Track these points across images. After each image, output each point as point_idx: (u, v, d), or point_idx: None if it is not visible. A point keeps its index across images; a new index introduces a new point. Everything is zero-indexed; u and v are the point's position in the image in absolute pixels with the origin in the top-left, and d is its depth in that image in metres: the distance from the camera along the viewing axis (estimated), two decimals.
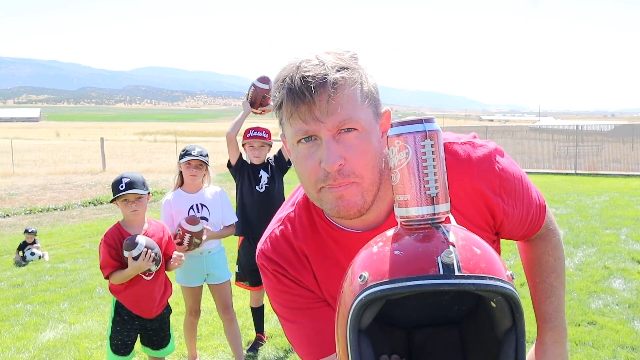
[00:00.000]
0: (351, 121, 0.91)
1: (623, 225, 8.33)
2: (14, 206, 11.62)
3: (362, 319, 0.72)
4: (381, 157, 0.96)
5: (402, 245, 0.73)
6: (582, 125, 23.50)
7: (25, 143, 38.81)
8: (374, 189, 0.95)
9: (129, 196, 2.83)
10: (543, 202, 1.17)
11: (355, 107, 0.91)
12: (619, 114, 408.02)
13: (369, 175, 0.94)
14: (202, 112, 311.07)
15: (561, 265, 1.20)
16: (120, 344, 2.94)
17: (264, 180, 3.85)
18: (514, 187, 1.07)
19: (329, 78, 0.89)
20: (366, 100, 0.94)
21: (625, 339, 3.94)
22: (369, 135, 0.93)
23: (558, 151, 23.45)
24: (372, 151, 0.94)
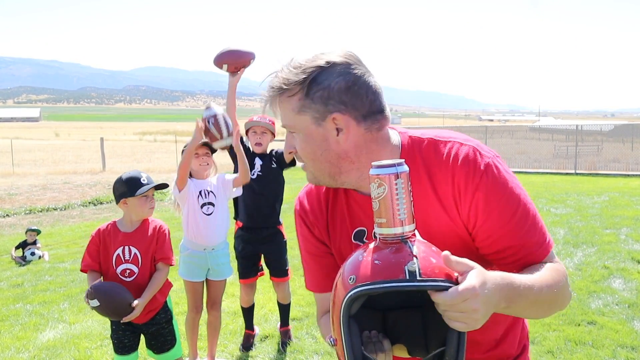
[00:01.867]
0: (291, 126, 1.20)
1: (623, 225, 8.33)
2: (14, 206, 11.62)
3: (352, 308, 1.02)
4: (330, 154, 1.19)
5: (380, 256, 1.00)
6: (582, 125, 23.49)
7: (25, 143, 38.80)
8: (324, 171, 1.22)
9: (149, 191, 2.79)
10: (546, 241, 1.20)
11: (292, 117, 1.18)
12: (618, 114, 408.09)
13: (311, 163, 1.22)
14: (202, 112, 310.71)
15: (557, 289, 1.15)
16: (117, 343, 2.91)
17: (257, 168, 3.79)
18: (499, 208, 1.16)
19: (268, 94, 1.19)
20: (303, 109, 1.16)
21: (625, 339, 3.94)
22: (306, 137, 1.19)
23: (558, 151, 23.45)
24: (311, 147, 1.19)
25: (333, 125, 1.16)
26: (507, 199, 1.16)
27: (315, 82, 1.13)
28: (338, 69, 1.14)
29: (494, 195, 1.16)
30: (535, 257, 1.18)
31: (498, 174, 1.17)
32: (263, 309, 4.78)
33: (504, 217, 1.16)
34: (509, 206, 1.16)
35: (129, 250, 2.78)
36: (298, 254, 1.49)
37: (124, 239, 2.80)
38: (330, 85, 1.13)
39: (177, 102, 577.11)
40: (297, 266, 4.53)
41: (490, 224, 1.16)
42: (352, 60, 1.16)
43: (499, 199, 1.16)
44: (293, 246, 3.56)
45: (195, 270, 3.49)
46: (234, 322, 4.47)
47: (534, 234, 1.18)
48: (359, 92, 1.14)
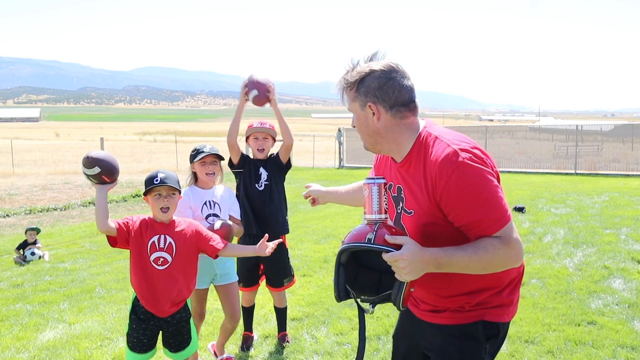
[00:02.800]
0: (350, 109, 1.85)
1: (623, 225, 8.33)
2: (14, 206, 11.62)
3: (342, 258, 1.75)
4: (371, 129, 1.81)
5: (358, 229, 1.72)
6: (582, 125, 23.49)
7: (25, 143, 38.80)
8: (367, 141, 1.87)
9: (161, 190, 2.78)
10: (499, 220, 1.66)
11: (351, 104, 1.84)
12: (618, 114, 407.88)
13: (360, 134, 1.86)
14: (202, 112, 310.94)
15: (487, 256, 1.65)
16: (136, 342, 2.88)
17: (263, 178, 3.79)
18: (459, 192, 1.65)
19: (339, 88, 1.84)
20: (355, 99, 1.81)
21: (625, 339, 3.94)
22: (358, 118, 1.84)
23: (558, 151, 23.44)
24: (360, 123, 1.84)
25: (370, 110, 1.78)
26: (471, 189, 1.64)
27: (362, 82, 1.77)
28: (376, 74, 1.75)
29: (459, 188, 1.64)
30: (490, 231, 1.66)
31: (468, 172, 1.64)
32: (263, 309, 4.78)
33: (467, 202, 1.65)
34: (472, 194, 1.64)
35: (164, 238, 2.82)
36: None
37: (160, 229, 2.84)
38: (369, 84, 1.76)
39: (177, 102, 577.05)
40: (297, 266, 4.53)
41: (455, 206, 1.67)
42: (388, 68, 1.75)
43: (464, 189, 1.64)
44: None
45: (201, 277, 3.36)
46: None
47: (491, 214, 1.66)
48: (387, 90, 1.75)
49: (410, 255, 1.58)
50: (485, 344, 1.84)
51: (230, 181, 3.98)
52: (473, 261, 1.64)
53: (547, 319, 4.36)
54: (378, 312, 4.57)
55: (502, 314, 1.85)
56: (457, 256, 1.64)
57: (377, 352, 3.85)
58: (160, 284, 2.81)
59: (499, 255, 1.65)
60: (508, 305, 1.86)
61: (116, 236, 2.78)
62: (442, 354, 1.89)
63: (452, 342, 1.85)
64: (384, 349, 3.87)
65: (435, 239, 1.73)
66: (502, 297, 1.84)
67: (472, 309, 1.83)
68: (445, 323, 1.87)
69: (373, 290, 1.78)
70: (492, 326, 1.84)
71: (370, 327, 4.28)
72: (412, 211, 1.80)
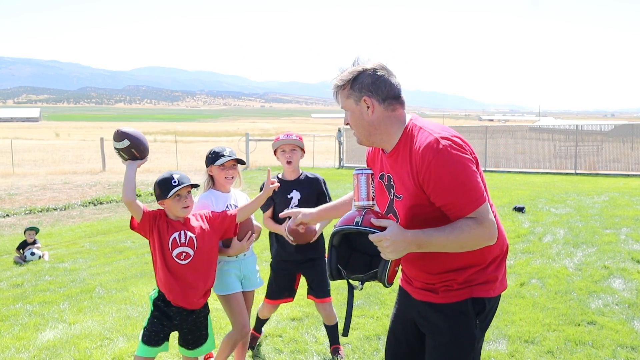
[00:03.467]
0: (344, 107, 2.01)
1: (623, 225, 8.33)
2: (14, 206, 11.62)
3: (334, 240, 1.95)
4: (366, 122, 1.98)
5: (349, 214, 1.93)
6: (582, 125, 23.50)
7: (25, 143, 38.80)
8: (362, 134, 2.02)
9: (181, 191, 2.85)
10: (474, 202, 1.83)
11: (344, 101, 2.00)
12: (619, 114, 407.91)
13: (356, 129, 2.02)
14: (202, 112, 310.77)
15: (462, 235, 1.81)
16: (153, 335, 2.90)
17: (294, 202, 3.58)
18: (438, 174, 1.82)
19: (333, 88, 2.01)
20: (349, 95, 1.98)
21: (625, 339, 3.94)
22: (352, 113, 1.99)
23: (558, 151, 23.44)
24: (355, 118, 1.99)
25: (365, 104, 1.96)
26: (448, 173, 1.81)
27: (355, 80, 1.95)
28: (369, 72, 1.94)
29: (438, 171, 1.81)
30: (465, 211, 1.83)
31: (447, 157, 1.81)
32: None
33: (444, 184, 1.82)
34: (449, 178, 1.81)
35: (184, 234, 2.89)
36: None
37: (178, 225, 2.91)
38: (362, 81, 1.94)
39: (177, 102, 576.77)
40: None
41: (435, 188, 1.84)
42: (379, 67, 1.95)
43: (442, 173, 1.81)
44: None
45: (233, 281, 3.28)
46: None
47: (466, 196, 1.82)
48: (379, 85, 1.94)
49: (393, 236, 1.77)
50: (475, 320, 1.98)
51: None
52: (450, 240, 1.82)
53: (547, 319, 4.36)
54: (378, 312, 4.57)
55: (488, 290, 2.00)
56: (436, 236, 1.82)
57: (377, 352, 3.85)
58: (187, 277, 2.88)
59: (473, 235, 1.82)
60: (494, 281, 2.02)
61: (139, 220, 2.86)
62: (434, 331, 2.04)
63: (444, 319, 2.00)
64: (384, 349, 3.86)
65: (422, 220, 1.91)
66: (487, 273, 2.00)
67: (460, 287, 1.98)
68: (438, 302, 2.02)
69: (364, 271, 1.96)
70: (480, 302, 1.98)
71: (370, 327, 4.28)
72: (401, 196, 1.97)
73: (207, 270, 2.97)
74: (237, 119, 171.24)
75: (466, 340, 1.99)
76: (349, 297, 2.04)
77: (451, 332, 1.99)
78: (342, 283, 2.09)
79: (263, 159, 21.94)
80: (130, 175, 2.85)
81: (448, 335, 1.99)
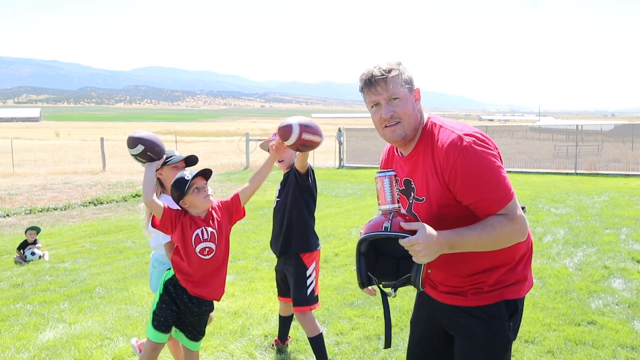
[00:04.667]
0: (395, 94, 1.87)
1: (623, 225, 8.33)
2: (14, 206, 11.61)
3: (361, 248, 1.86)
4: (415, 112, 1.91)
5: (374, 219, 1.83)
6: (582, 125, 23.47)
7: (25, 143, 38.80)
8: (411, 127, 1.91)
9: (196, 182, 2.89)
10: (503, 198, 1.79)
11: (398, 88, 1.87)
12: (619, 114, 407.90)
13: (407, 118, 1.89)
14: (202, 112, 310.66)
15: (495, 232, 1.77)
16: (162, 321, 2.93)
17: (276, 194, 3.64)
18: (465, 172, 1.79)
19: (382, 74, 1.86)
20: (403, 83, 1.89)
21: (625, 339, 3.94)
22: (406, 101, 1.89)
23: (558, 151, 23.43)
24: (408, 108, 1.89)
25: (415, 96, 1.93)
26: (475, 171, 1.78)
27: (404, 71, 1.90)
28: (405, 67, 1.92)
29: (465, 169, 1.78)
30: (495, 208, 1.79)
31: (472, 154, 1.78)
32: (263, 308, 4.79)
33: (472, 182, 1.79)
34: (476, 175, 1.78)
35: (206, 230, 2.93)
36: None
37: (200, 222, 2.94)
38: (408, 74, 1.92)
39: (177, 102, 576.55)
40: None
41: (462, 186, 1.81)
42: None
43: (469, 171, 1.78)
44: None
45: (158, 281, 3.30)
46: (234, 322, 4.47)
47: (494, 193, 1.78)
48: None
49: (425, 239, 1.69)
50: (509, 322, 1.94)
51: (230, 181, 3.90)
52: (482, 239, 1.76)
53: (547, 319, 4.36)
54: (378, 312, 4.57)
55: (519, 290, 1.97)
56: (468, 235, 1.76)
57: (377, 352, 3.85)
58: (211, 271, 2.95)
59: (505, 231, 1.78)
60: (523, 281, 1.99)
61: (160, 218, 2.89)
62: (469, 335, 1.98)
63: (478, 323, 1.95)
64: (384, 349, 3.87)
65: (448, 220, 1.86)
66: (517, 273, 1.96)
67: (491, 289, 1.93)
68: (468, 305, 1.97)
69: (393, 275, 1.91)
70: (512, 303, 1.94)
71: (370, 327, 4.28)
72: (423, 198, 1.93)
73: (225, 260, 3.05)
74: (237, 119, 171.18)
75: (501, 343, 1.95)
76: (385, 306, 1.95)
77: (486, 336, 1.94)
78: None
79: (263, 159, 21.73)
80: (149, 176, 2.89)
81: (482, 339, 1.94)
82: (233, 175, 18.15)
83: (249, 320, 4.52)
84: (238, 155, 24.56)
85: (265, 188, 11.77)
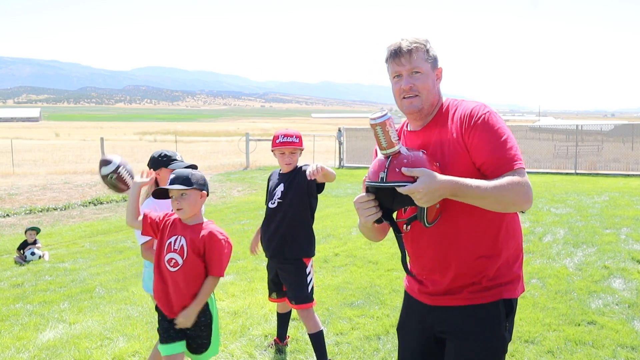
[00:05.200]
0: (418, 68, 1.93)
1: (623, 225, 8.32)
2: (14, 206, 11.61)
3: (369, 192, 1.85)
4: (434, 89, 1.97)
5: (375, 165, 1.83)
6: (582, 125, 23.48)
7: (25, 143, 38.80)
8: (429, 102, 1.96)
9: (173, 192, 2.73)
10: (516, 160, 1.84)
11: (421, 62, 1.93)
12: (619, 114, 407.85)
13: (426, 93, 1.94)
14: (202, 112, 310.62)
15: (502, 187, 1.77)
16: (163, 333, 2.79)
17: (277, 195, 3.54)
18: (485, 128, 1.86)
19: (407, 47, 1.92)
20: (427, 59, 1.95)
21: (625, 339, 3.94)
22: (427, 76, 1.94)
23: (558, 151, 23.44)
24: (428, 83, 1.95)
25: (437, 75, 1.99)
26: (492, 133, 1.85)
27: (430, 46, 1.97)
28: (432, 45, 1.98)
29: (485, 125, 1.86)
30: (504, 169, 1.82)
31: (494, 118, 1.88)
32: (263, 308, 4.79)
33: (487, 142, 1.84)
34: (493, 137, 1.85)
35: (179, 240, 2.74)
36: None
37: (179, 229, 2.77)
38: (434, 51, 1.98)
39: (177, 102, 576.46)
40: None
41: (479, 141, 1.86)
42: None
43: (487, 132, 1.85)
44: None
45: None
46: (234, 322, 4.47)
47: (506, 155, 1.83)
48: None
49: (425, 187, 1.69)
50: (506, 322, 1.92)
51: (230, 181, 3.92)
52: (488, 191, 1.75)
53: (547, 319, 4.36)
54: (378, 312, 4.57)
55: (514, 290, 1.96)
56: (474, 184, 1.75)
57: (377, 352, 3.85)
58: (171, 285, 2.73)
59: (512, 187, 1.78)
60: (517, 281, 1.98)
61: (142, 228, 2.80)
62: (464, 336, 1.92)
63: (475, 323, 1.91)
64: (384, 349, 3.87)
65: None
66: (514, 271, 1.96)
67: (490, 286, 1.91)
68: (464, 304, 1.93)
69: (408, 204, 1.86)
70: (509, 303, 1.93)
71: (370, 327, 4.28)
72: (437, 164, 1.90)
73: (190, 282, 2.74)
74: (237, 118, 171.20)
75: (498, 344, 1.91)
76: (398, 240, 1.95)
77: (483, 337, 1.90)
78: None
79: (263, 158, 21.94)
80: (131, 201, 2.80)
81: (480, 341, 1.90)
82: (233, 175, 18.15)
83: (249, 320, 4.52)
84: (238, 155, 24.56)
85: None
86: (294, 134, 3.52)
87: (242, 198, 12.94)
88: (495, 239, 1.92)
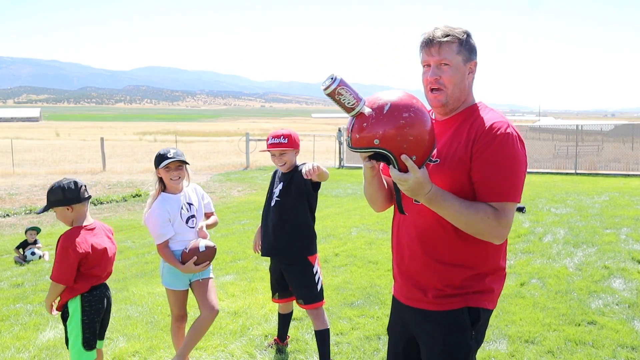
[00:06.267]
0: (447, 60, 1.86)
1: (623, 225, 8.33)
2: (14, 206, 11.61)
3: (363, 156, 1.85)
4: (463, 83, 1.90)
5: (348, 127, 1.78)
6: (582, 125, 23.48)
7: (25, 143, 38.79)
8: (454, 97, 1.91)
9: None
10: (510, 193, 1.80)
11: (451, 55, 1.86)
12: (619, 114, 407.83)
13: (451, 87, 1.89)
14: (202, 112, 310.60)
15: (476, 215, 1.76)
16: (90, 337, 3.04)
17: (276, 194, 3.55)
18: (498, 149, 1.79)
19: (439, 38, 1.85)
20: (460, 52, 1.87)
21: (625, 339, 3.94)
22: (456, 70, 1.87)
23: (558, 151, 23.45)
24: (458, 76, 1.88)
25: (469, 68, 1.91)
26: (504, 157, 1.79)
27: (469, 39, 1.89)
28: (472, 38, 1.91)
29: (497, 149, 1.79)
30: (492, 197, 1.79)
31: (510, 144, 1.80)
32: (263, 308, 4.79)
33: (495, 163, 1.79)
34: (502, 160, 1.79)
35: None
36: None
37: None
38: (473, 44, 1.91)
39: (177, 102, 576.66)
40: None
41: (484, 162, 1.79)
42: None
43: (499, 153, 1.79)
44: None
45: (180, 278, 3.39)
46: (234, 322, 4.47)
47: (504, 183, 1.79)
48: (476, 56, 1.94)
49: (413, 185, 1.70)
50: (471, 330, 1.90)
51: (230, 180, 3.93)
52: (462, 212, 1.75)
53: (547, 319, 4.36)
54: (378, 312, 4.57)
55: (483, 300, 1.92)
56: (451, 200, 1.76)
57: (377, 352, 3.85)
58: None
59: (485, 222, 1.76)
60: (489, 293, 1.94)
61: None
62: (428, 341, 1.95)
63: (439, 328, 1.92)
64: (384, 349, 3.86)
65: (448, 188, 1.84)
66: (484, 283, 1.92)
67: (455, 293, 1.90)
68: (431, 309, 1.94)
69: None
70: (475, 311, 1.90)
71: (370, 327, 4.28)
72: (438, 160, 1.90)
73: None
74: (237, 118, 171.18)
75: (461, 351, 1.90)
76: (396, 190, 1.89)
77: (445, 342, 1.90)
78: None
79: (263, 159, 21.93)
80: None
81: (442, 345, 1.90)
82: (233, 175, 18.16)
83: (249, 320, 4.52)
84: (238, 155, 24.56)
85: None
86: (282, 134, 3.45)
87: (242, 198, 12.94)
88: (466, 252, 1.88)
